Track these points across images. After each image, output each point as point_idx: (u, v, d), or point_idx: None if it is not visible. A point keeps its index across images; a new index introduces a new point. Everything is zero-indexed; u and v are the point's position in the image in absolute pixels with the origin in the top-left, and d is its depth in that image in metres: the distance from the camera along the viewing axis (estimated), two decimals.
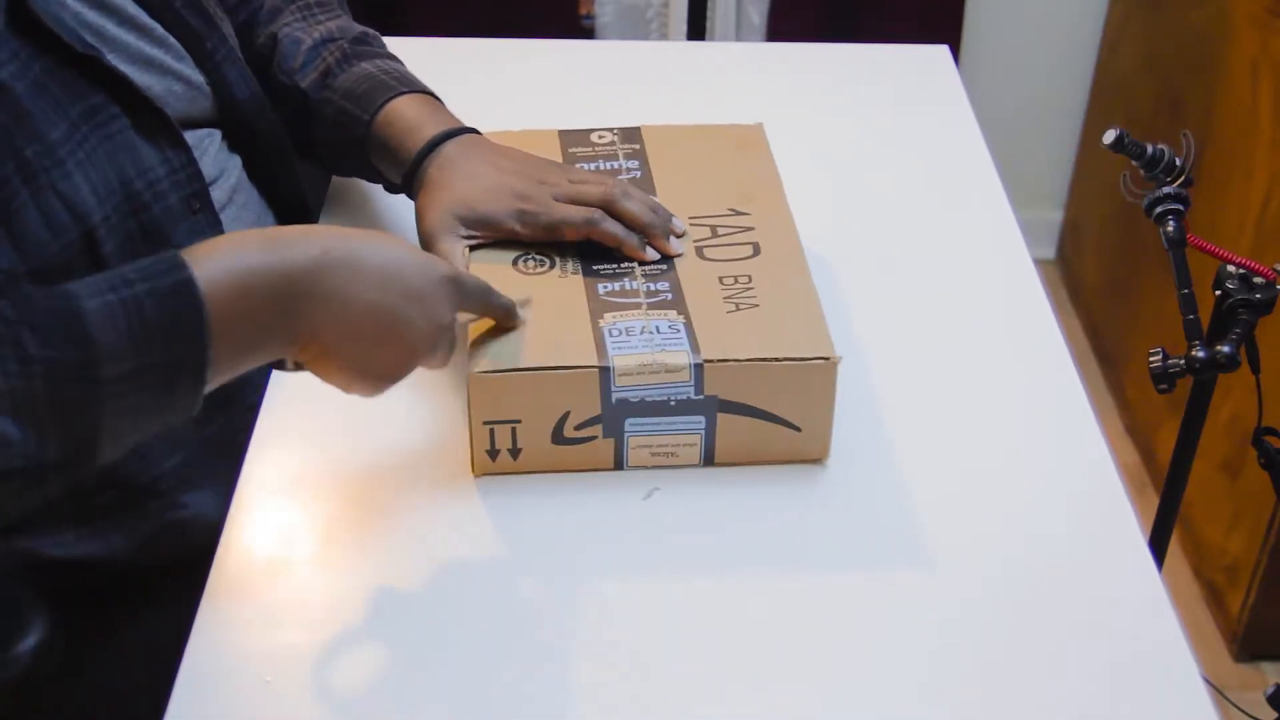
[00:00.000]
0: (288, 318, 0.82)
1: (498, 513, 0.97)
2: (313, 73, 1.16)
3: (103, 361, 0.74)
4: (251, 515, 0.97)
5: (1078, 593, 0.92)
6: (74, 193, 0.92)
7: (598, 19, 2.48)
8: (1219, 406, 1.88)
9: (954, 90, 1.49)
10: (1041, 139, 2.65)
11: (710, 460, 0.99)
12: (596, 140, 1.18)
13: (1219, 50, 2.04)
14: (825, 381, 0.96)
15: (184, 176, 1.02)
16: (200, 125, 1.10)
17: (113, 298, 0.76)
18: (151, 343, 0.76)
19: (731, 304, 0.99)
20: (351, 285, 0.83)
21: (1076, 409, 1.06)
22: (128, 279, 0.77)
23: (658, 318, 0.98)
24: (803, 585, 0.92)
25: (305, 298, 0.82)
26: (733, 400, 0.96)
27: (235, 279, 0.79)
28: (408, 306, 0.86)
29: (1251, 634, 1.95)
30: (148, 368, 0.76)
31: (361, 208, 1.26)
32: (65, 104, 0.93)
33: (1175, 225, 1.22)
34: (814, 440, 0.99)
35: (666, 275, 1.02)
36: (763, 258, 1.04)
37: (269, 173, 1.17)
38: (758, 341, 0.96)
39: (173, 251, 0.79)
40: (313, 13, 1.21)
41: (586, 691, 0.85)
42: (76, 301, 0.75)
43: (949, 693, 0.85)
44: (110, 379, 0.75)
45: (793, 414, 0.97)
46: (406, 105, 1.11)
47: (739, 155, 1.17)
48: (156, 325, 0.76)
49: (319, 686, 0.85)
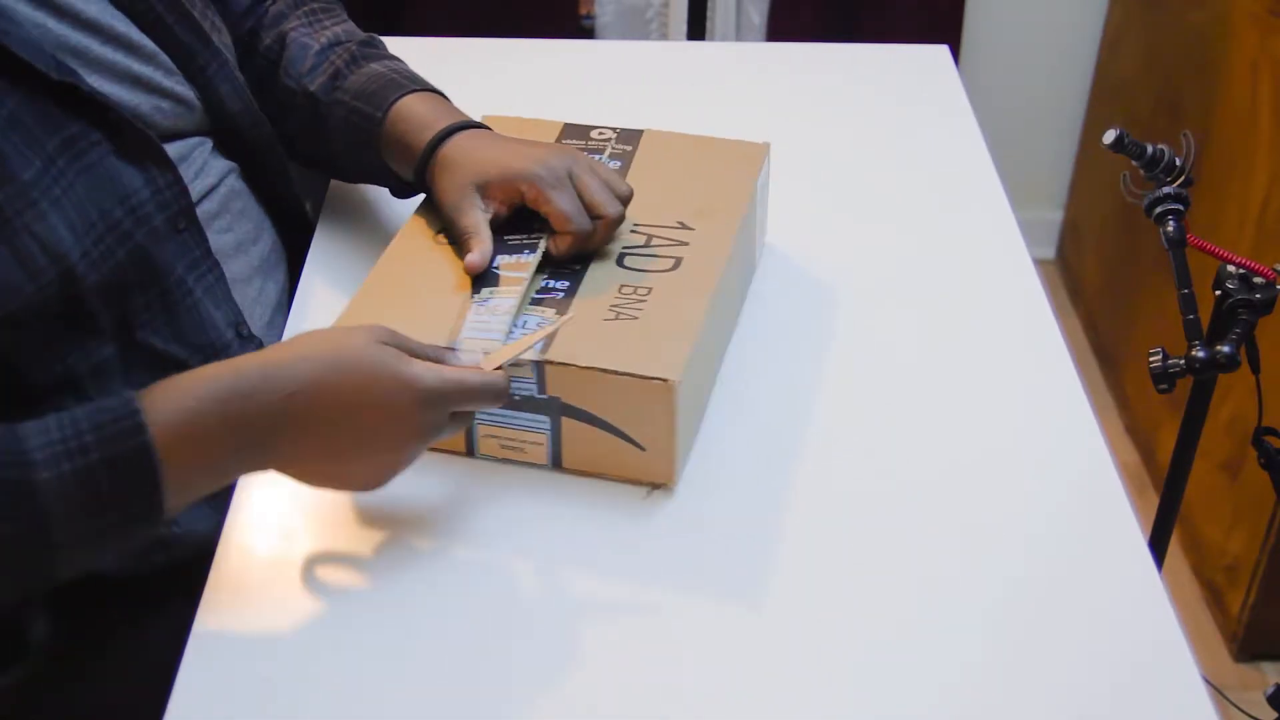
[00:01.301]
0: (252, 459, 0.85)
1: (498, 512, 0.97)
2: (322, 75, 1.16)
3: (54, 530, 0.79)
4: (251, 516, 0.96)
5: (1078, 593, 0.92)
6: (50, 233, 0.91)
7: (598, 19, 2.48)
8: (1219, 406, 1.88)
9: (954, 90, 1.49)
10: (1041, 139, 2.65)
11: (558, 464, 0.99)
12: (595, 136, 1.18)
13: (1219, 50, 2.03)
14: (664, 403, 0.93)
15: (169, 195, 1.01)
16: (189, 135, 1.09)
17: (67, 468, 0.79)
18: (105, 510, 0.80)
19: (613, 313, 0.98)
20: (319, 426, 0.85)
21: (1076, 409, 1.06)
22: (84, 443, 0.79)
23: (535, 312, 0.98)
24: (804, 584, 0.92)
25: (270, 447, 0.84)
26: (575, 406, 0.95)
27: (195, 433, 0.81)
28: (386, 428, 0.86)
29: (1251, 634, 1.95)
30: (102, 529, 0.80)
31: (360, 213, 1.26)
32: (40, 138, 0.91)
33: (1175, 225, 1.22)
34: (658, 462, 0.96)
35: (573, 275, 1.02)
36: (677, 274, 1.03)
37: (265, 180, 1.17)
38: (608, 352, 0.94)
39: (131, 405, 0.80)
40: (318, 18, 1.21)
41: (584, 692, 0.85)
42: (30, 473, 0.78)
43: (949, 692, 0.85)
44: (62, 543, 0.79)
45: (637, 432, 0.95)
46: (417, 102, 1.11)
47: (724, 171, 1.15)
48: (110, 496, 0.79)
49: (319, 686, 0.85)
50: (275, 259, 1.17)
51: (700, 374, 1.00)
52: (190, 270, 1.03)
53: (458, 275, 1.02)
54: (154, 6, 1.05)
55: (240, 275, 1.10)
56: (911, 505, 0.98)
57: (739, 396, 1.07)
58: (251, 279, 1.12)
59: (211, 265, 1.05)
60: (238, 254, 1.11)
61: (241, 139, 1.14)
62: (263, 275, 1.14)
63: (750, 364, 1.10)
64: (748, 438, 1.03)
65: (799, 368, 1.10)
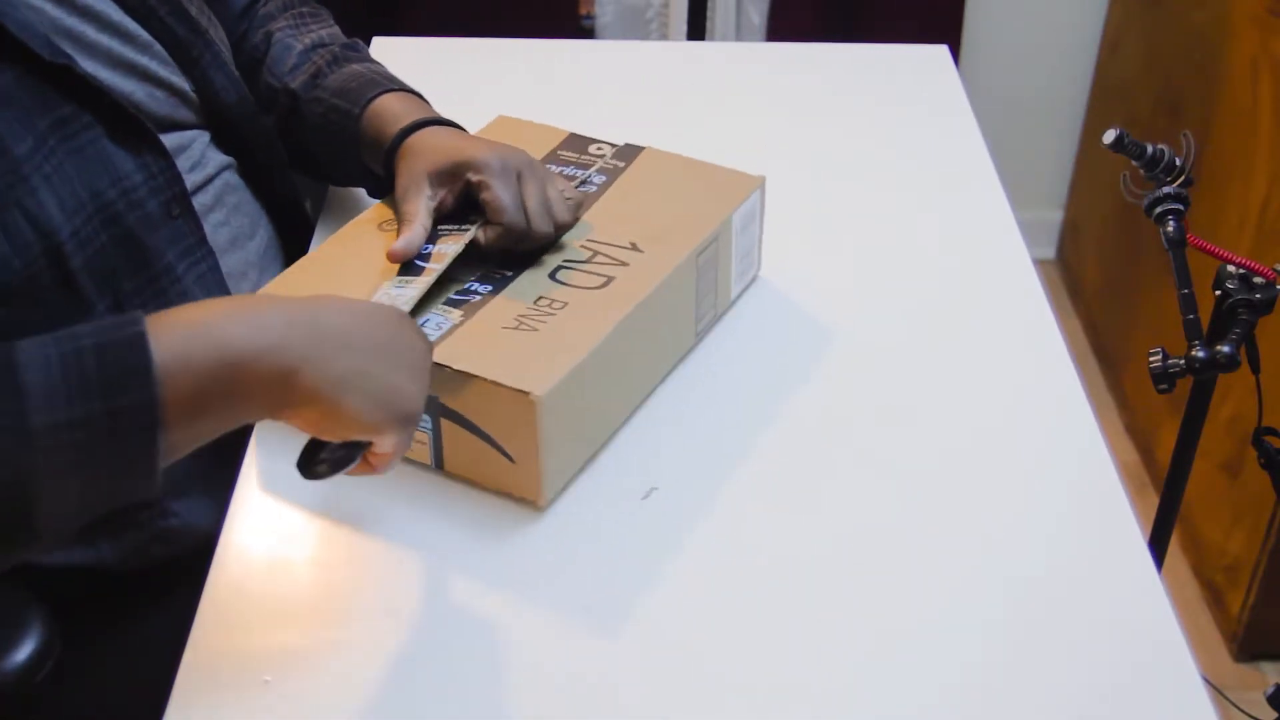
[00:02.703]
0: (272, 385, 0.76)
1: (498, 511, 0.97)
2: (303, 74, 1.18)
3: (31, 409, 0.69)
4: (251, 516, 0.97)
5: (1077, 592, 0.92)
6: (39, 209, 0.91)
7: (598, 19, 2.48)
8: (1219, 406, 1.88)
9: (954, 90, 1.49)
10: (1041, 139, 2.65)
11: (440, 465, 0.99)
12: (592, 151, 1.18)
13: (1219, 50, 2.03)
14: (528, 418, 0.91)
15: (162, 181, 1.01)
16: (186, 127, 1.10)
17: (53, 350, 0.70)
18: (89, 392, 0.70)
19: (517, 322, 0.97)
20: (336, 318, 0.79)
21: (1076, 409, 1.06)
22: (76, 334, 0.71)
23: (440, 312, 0.99)
24: (804, 584, 0.92)
25: (288, 343, 0.76)
26: (452, 409, 0.95)
27: (200, 342, 0.73)
28: (396, 331, 0.84)
29: (1251, 634, 1.95)
30: (84, 420, 0.69)
31: (359, 212, 1.26)
32: (33, 116, 0.92)
33: (1175, 225, 1.22)
34: (527, 477, 0.95)
35: (501, 280, 1.02)
36: (600, 292, 1.01)
37: (262, 175, 1.17)
38: (489, 360, 0.93)
39: (135, 312, 0.73)
40: (304, 21, 1.24)
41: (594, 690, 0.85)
42: (13, 353, 0.70)
43: (950, 692, 0.85)
44: (41, 428, 0.69)
45: (508, 443, 0.94)
46: (393, 100, 1.13)
47: (703, 198, 1.12)
48: (96, 375, 0.70)
49: (319, 686, 0.85)
50: (272, 254, 1.17)
51: (593, 395, 0.98)
52: (182, 258, 1.03)
53: (385, 261, 1.03)
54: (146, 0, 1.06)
55: (236, 269, 1.10)
56: (911, 505, 0.98)
57: (736, 391, 1.07)
58: (247, 273, 1.12)
59: (205, 254, 1.05)
60: (233, 248, 1.11)
61: (238, 132, 1.14)
62: (259, 270, 1.14)
63: (747, 358, 1.10)
64: (747, 436, 1.03)
65: (795, 364, 1.10)
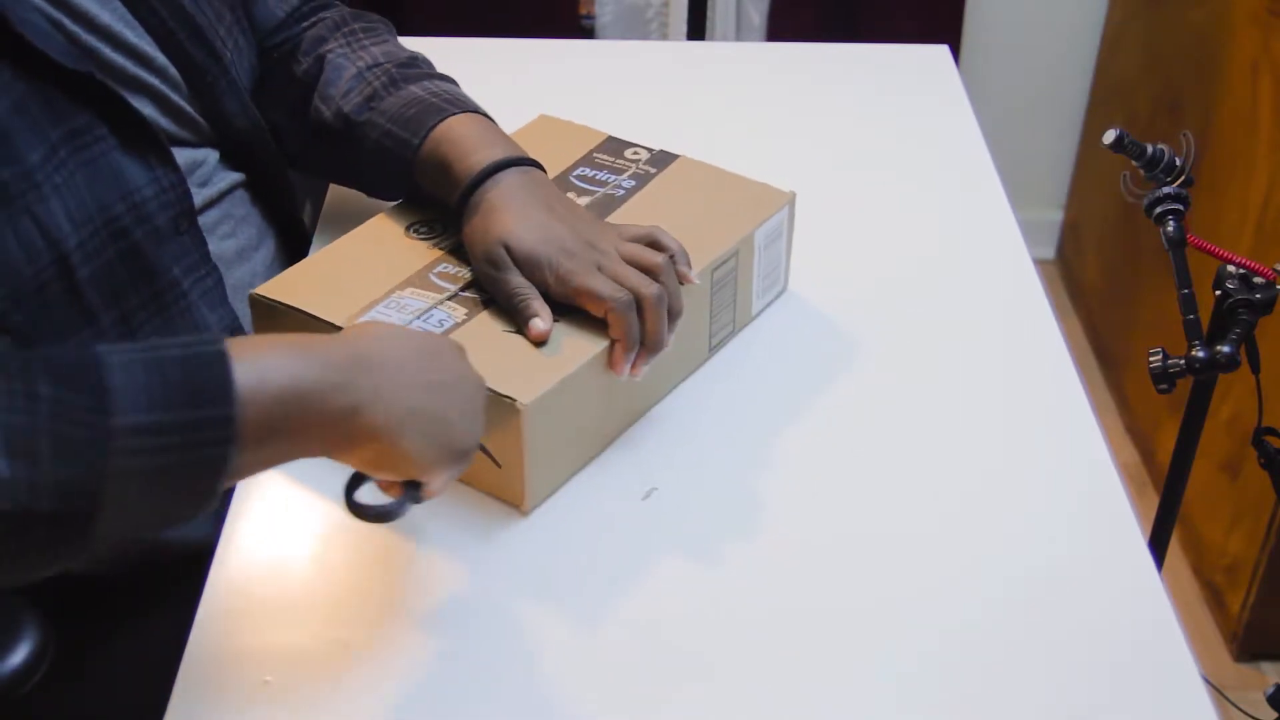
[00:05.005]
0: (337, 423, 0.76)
1: (498, 511, 0.97)
2: (356, 97, 1.13)
3: (115, 410, 0.68)
4: (251, 516, 0.97)
5: (1078, 592, 0.92)
6: (49, 217, 0.91)
7: (598, 19, 2.48)
8: (1219, 406, 1.88)
9: (954, 90, 1.49)
10: (1041, 139, 2.65)
11: None
12: (628, 155, 1.17)
13: (1219, 50, 2.03)
14: (513, 425, 0.91)
15: (173, 196, 1.01)
16: (196, 145, 1.09)
17: (137, 355, 0.70)
18: (170, 400, 0.70)
19: (516, 327, 0.98)
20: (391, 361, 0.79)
21: (1076, 409, 1.06)
22: (157, 345, 0.72)
23: (445, 309, 0.99)
24: (804, 583, 0.92)
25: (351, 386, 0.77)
26: None
27: (275, 372, 0.74)
28: (453, 368, 0.83)
29: (1251, 634, 1.95)
30: (164, 426, 0.69)
31: (358, 219, 1.25)
32: (45, 126, 0.92)
33: (1175, 225, 1.22)
34: (511, 482, 0.95)
35: None
36: None
37: (270, 194, 1.17)
38: (480, 362, 0.91)
39: (212, 333, 0.74)
40: (358, 38, 1.18)
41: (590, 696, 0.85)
42: (97, 352, 0.70)
43: (950, 692, 0.85)
44: (121, 429, 0.68)
45: (494, 448, 0.93)
46: (459, 125, 1.07)
47: (729, 212, 1.11)
48: (179, 384, 0.70)
49: (319, 686, 0.85)
50: (277, 268, 1.17)
51: (585, 406, 0.97)
52: (188, 273, 1.03)
53: (397, 268, 1.03)
54: (165, 21, 1.05)
55: (241, 282, 1.10)
56: (911, 504, 0.98)
57: (736, 392, 1.07)
58: (252, 285, 1.12)
59: (210, 269, 1.05)
60: (239, 261, 1.11)
61: (249, 153, 1.14)
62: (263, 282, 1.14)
63: (747, 358, 1.10)
64: (746, 435, 1.03)
65: (796, 366, 1.10)
